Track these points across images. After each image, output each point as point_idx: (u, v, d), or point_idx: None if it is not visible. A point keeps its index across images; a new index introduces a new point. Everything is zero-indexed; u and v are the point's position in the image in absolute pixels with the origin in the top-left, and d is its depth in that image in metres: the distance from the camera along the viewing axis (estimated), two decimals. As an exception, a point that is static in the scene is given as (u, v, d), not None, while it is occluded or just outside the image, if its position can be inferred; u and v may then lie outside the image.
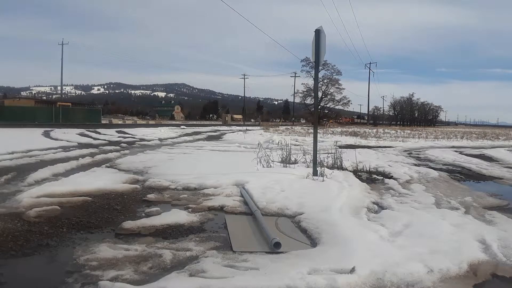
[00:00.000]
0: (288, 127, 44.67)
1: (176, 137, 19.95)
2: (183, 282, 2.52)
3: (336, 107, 71.00)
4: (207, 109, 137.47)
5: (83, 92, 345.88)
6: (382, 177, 7.48)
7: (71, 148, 11.73)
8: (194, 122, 72.42)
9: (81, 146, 12.85)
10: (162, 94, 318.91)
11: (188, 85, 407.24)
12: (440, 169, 9.24)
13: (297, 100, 70.77)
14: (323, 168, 6.88)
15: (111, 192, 5.40)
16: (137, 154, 10.69)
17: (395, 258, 2.96)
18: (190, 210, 4.57)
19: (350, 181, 6.50)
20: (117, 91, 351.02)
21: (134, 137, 18.33)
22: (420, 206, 5.06)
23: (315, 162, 6.85)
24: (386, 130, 37.58)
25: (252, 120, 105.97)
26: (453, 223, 4.09)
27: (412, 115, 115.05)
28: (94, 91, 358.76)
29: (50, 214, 4.14)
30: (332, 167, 7.72)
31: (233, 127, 42.29)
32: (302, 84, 65.84)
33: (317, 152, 6.98)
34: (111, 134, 20.08)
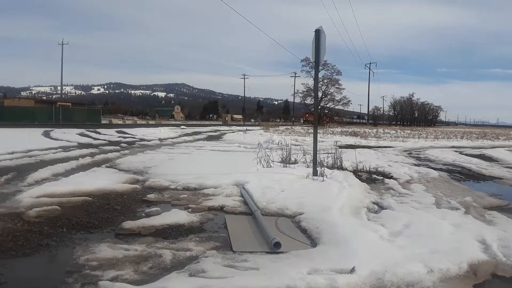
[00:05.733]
0: (288, 127, 44.64)
1: (176, 137, 19.94)
2: (183, 282, 2.52)
3: (336, 107, 70.92)
4: (207, 109, 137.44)
5: (83, 92, 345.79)
6: (382, 177, 7.48)
7: (71, 148, 11.72)
8: (194, 122, 72.36)
9: (81, 146, 12.85)
10: (162, 94, 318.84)
11: (188, 85, 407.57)
12: (440, 169, 9.23)
13: (297, 100, 70.74)
14: (323, 168, 6.88)
15: (111, 192, 5.40)
16: (137, 154, 10.69)
17: (395, 258, 2.96)
18: (190, 210, 4.57)
19: (350, 181, 6.50)
20: (117, 91, 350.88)
21: (134, 137, 18.32)
22: (420, 206, 5.06)
23: (315, 162, 6.85)
24: (386, 130, 37.57)
25: (252, 120, 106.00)
26: (453, 223, 4.09)
27: (412, 115, 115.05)
28: (94, 91, 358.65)
29: (50, 214, 4.14)
30: (332, 167, 7.72)
31: (233, 127, 42.26)
32: (302, 84, 65.59)
33: (317, 152, 6.98)
34: (111, 134, 20.07)
